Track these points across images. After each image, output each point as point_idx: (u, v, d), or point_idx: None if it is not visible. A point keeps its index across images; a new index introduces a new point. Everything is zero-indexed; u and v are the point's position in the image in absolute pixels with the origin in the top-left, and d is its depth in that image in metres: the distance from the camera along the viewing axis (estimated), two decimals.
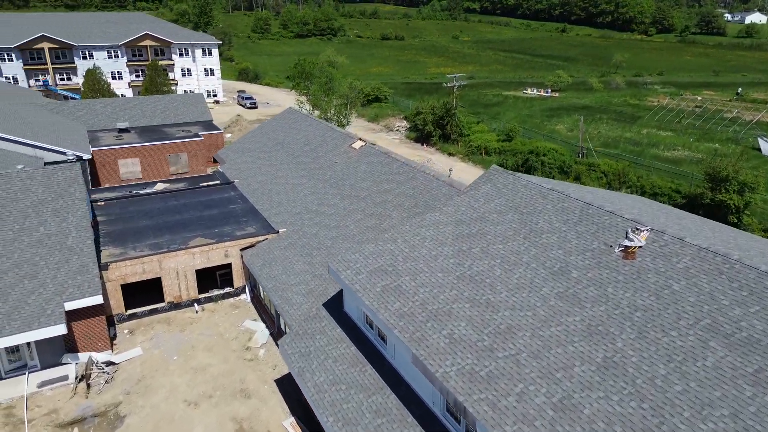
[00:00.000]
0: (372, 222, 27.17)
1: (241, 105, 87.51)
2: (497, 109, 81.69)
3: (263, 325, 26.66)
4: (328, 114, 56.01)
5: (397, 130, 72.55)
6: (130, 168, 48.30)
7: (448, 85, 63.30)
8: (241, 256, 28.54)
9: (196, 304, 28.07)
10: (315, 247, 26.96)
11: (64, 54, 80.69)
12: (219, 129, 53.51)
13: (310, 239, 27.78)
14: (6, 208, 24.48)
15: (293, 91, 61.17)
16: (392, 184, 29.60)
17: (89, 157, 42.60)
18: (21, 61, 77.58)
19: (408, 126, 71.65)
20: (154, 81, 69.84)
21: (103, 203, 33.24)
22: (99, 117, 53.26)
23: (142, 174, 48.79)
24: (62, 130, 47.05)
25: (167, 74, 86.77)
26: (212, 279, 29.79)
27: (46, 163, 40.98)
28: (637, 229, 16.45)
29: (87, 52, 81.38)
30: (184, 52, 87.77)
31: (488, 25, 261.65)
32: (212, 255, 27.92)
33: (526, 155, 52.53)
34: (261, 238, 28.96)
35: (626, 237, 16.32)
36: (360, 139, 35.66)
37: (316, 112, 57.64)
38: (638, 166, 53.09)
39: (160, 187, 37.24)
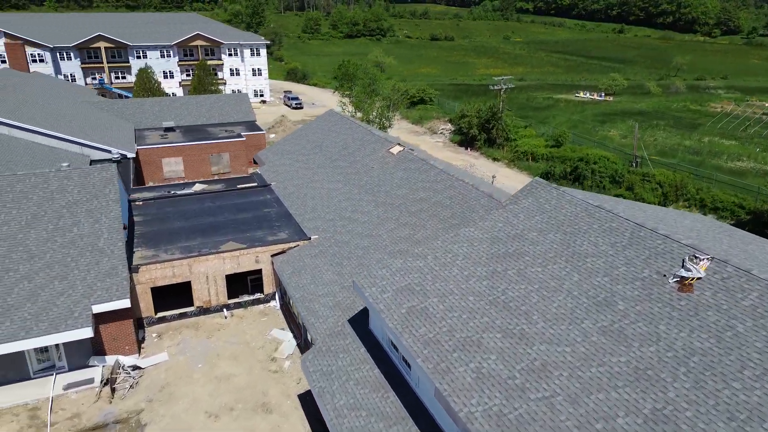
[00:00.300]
0: (405, 232, 26.01)
1: (287, 105, 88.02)
2: (547, 113, 78.87)
3: (291, 335, 25.93)
4: (370, 116, 55.14)
5: (441, 133, 71.03)
6: (173, 167, 48.87)
7: (495, 87, 61.36)
8: (272, 262, 27.93)
9: (225, 310, 27.65)
10: (345, 256, 26.01)
11: (119, 53, 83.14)
12: (262, 130, 53.54)
13: (342, 248, 26.87)
14: (42, 207, 24.67)
15: (336, 92, 60.70)
16: (429, 192, 28.35)
17: (133, 155, 43.27)
18: (79, 59, 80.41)
19: (452, 129, 70.01)
20: (202, 80, 70.88)
21: (140, 203, 33.40)
22: (147, 115, 54.20)
23: (185, 173, 49.29)
24: (110, 128, 48.08)
25: (216, 74, 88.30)
26: (243, 284, 29.33)
27: (92, 161, 41.88)
28: (696, 257, 14.63)
29: (141, 52, 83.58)
30: (233, 52, 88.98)
31: (541, 25, 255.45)
32: (243, 260, 27.42)
33: (575, 162, 50.06)
34: (293, 244, 28.27)
35: (683, 266, 14.53)
36: (398, 144, 34.54)
37: (359, 114, 56.85)
38: (698, 177, 49.72)
39: (198, 187, 37.27)
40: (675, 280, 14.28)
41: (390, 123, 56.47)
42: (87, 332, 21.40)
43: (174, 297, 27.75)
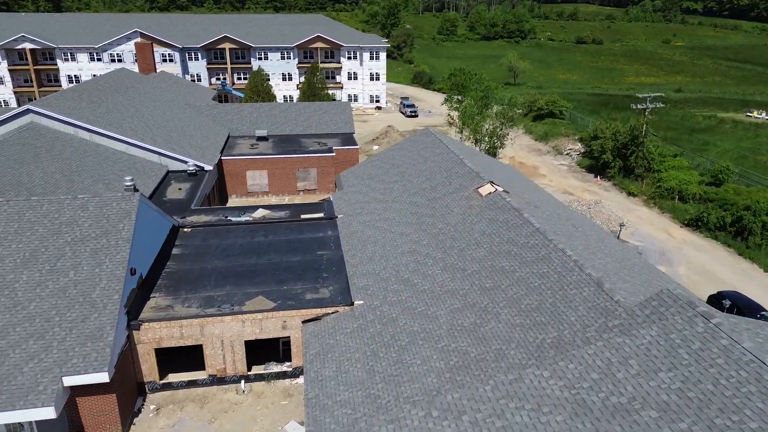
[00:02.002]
0: (470, 319, 18.87)
1: (402, 112, 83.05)
2: (706, 137, 64.66)
3: None
4: (478, 135, 47.52)
5: (567, 154, 60.93)
6: (257, 180, 45.72)
7: (638, 106, 50.26)
8: (302, 330, 22.24)
9: (242, 382, 22.53)
10: (385, 343, 19.48)
11: (243, 54, 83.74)
12: (356, 144, 48.56)
13: (386, 327, 20.37)
14: (45, 242, 21.34)
15: (444, 104, 53.96)
16: (514, 260, 20.81)
17: (210, 168, 40.41)
18: (205, 60, 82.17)
19: (582, 151, 59.63)
20: (312, 85, 67.95)
21: (189, 230, 29.69)
22: (244, 122, 51.90)
23: (269, 188, 45.94)
24: (201, 136, 46.07)
25: (334, 77, 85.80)
26: (273, 347, 24.05)
27: (168, 172, 39.75)
28: None
29: (262, 53, 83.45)
30: (352, 55, 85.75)
31: (710, 28, 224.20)
32: (267, 324, 22.08)
33: (739, 211, 38.23)
34: (330, 310, 22.35)
35: None
36: (490, 183, 27.10)
37: (466, 132, 49.53)
38: None
39: (260, 213, 32.93)
40: None
41: (502, 143, 48.35)
42: (49, 412, 17.32)
43: (189, 357, 23.26)
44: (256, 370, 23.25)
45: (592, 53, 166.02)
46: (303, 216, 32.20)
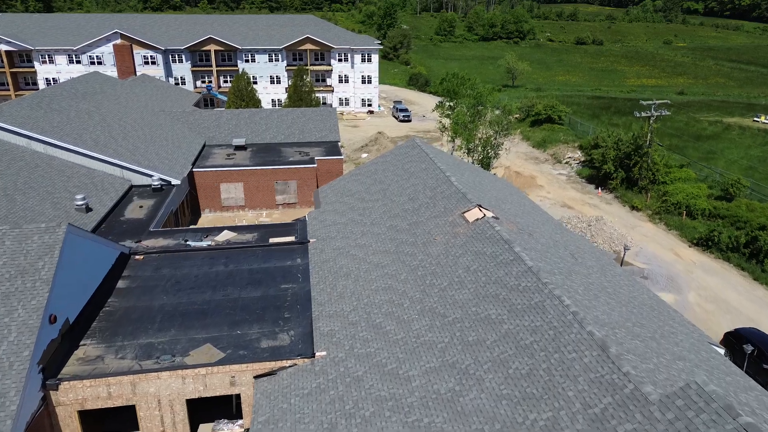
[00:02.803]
0: (448, 384, 15.68)
1: (394, 117, 79.85)
2: (713, 145, 61.35)
3: None
4: (471, 144, 44.25)
5: (566, 163, 57.66)
6: (232, 193, 42.48)
7: (643, 114, 47.00)
8: (254, 386, 18.99)
9: None
10: (346, 412, 16.22)
11: (229, 56, 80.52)
12: (340, 155, 45.28)
13: (348, 389, 17.12)
14: None
15: (435, 111, 50.68)
16: (502, 308, 17.58)
17: (178, 182, 37.16)
18: (190, 62, 78.88)
19: (582, 159, 56.39)
20: (298, 89, 64.65)
21: (141, 257, 26.43)
22: (222, 130, 48.67)
23: (245, 201, 42.71)
24: (171, 146, 42.79)
25: (324, 80, 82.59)
26: (225, 401, 20.82)
27: (132, 187, 36.53)
28: None
29: (249, 55, 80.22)
30: (343, 57, 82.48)
31: (711, 29, 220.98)
32: (212, 380, 18.82)
33: (753, 230, 34.97)
34: (287, 363, 19.08)
35: None
36: (479, 208, 23.85)
37: (458, 142, 46.27)
38: None
39: (224, 236, 29.67)
40: None
41: (496, 153, 45.10)
42: None
43: (127, 414, 20.02)
44: (204, 429, 20.03)
45: (592, 54, 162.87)
46: (272, 240, 28.95)
